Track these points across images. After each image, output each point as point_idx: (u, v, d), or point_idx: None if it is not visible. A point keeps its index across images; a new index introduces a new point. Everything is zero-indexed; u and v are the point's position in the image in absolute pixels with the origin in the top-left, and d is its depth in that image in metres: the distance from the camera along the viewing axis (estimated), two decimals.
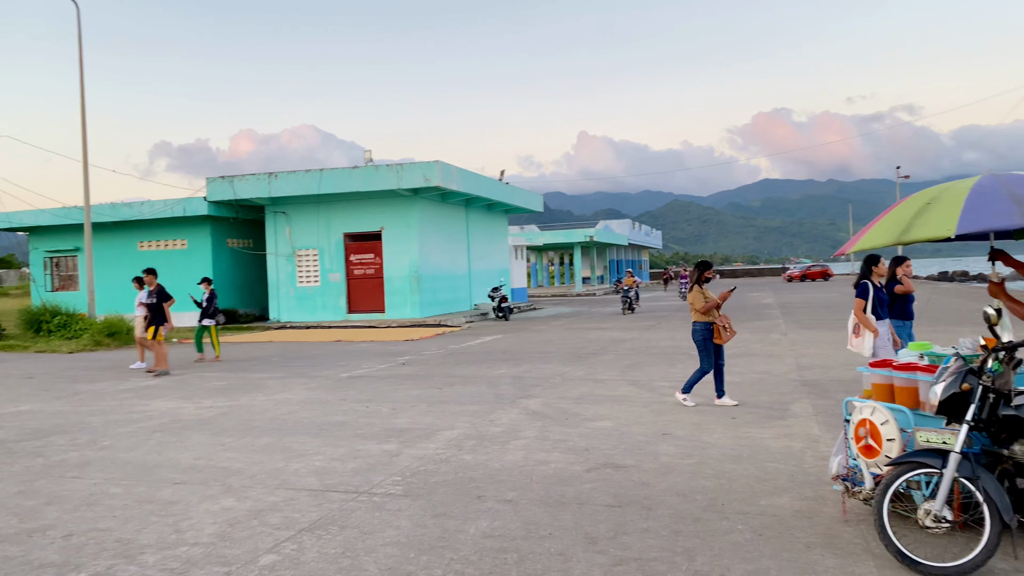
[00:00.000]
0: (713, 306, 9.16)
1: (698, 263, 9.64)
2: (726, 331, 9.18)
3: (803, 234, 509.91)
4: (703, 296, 9.22)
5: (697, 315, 9.27)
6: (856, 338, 8.02)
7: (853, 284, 8.16)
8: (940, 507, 4.18)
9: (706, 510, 5.39)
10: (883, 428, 4.77)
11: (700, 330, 9.25)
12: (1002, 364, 4.27)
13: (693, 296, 9.29)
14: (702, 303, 9.17)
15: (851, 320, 8.16)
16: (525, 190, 34.98)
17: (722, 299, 9.15)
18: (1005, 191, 4.52)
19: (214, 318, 16.62)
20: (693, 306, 9.30)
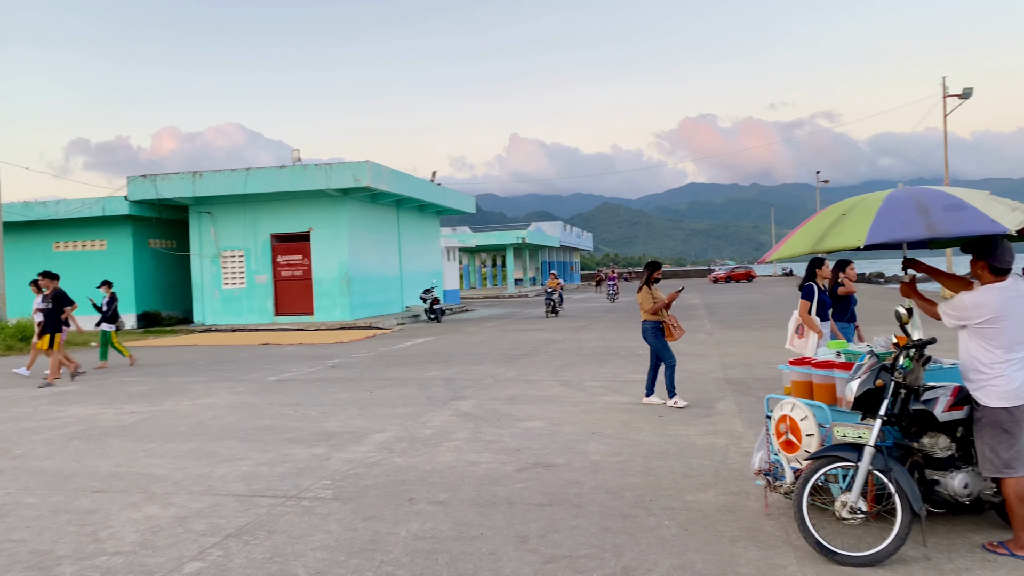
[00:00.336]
0: (662, 306, 9.27)
1: (648, 264, 9.72)
2: (676, 329, 9.34)
3: (728, 237, 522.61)
4: (652, 296, 9.32)
5: (646, 314, 9.37)
6: (799, 338, 8.10)
7: (798, 286, 8.35)
8: (855, 499, 4.36)
9: (634, 507, 5.49)
10: (802, 424, 4.94)
11: (650, 329, 9.36)
12: (912, 361, 4.47)
13: (642, 296, 9.38)
14: (651, 303, 9.28)
15: (793, 320, 8.22)
16: (457, 191, 34.95)
17: (670, 299, 9.26)
18: (914, 203, 4.75)
19: (114, 323, 15.92)
20: (642, 306, 9.38)
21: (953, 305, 4.57)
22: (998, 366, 4.38)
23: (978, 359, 4.46)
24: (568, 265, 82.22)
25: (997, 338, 4.40)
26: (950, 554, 4.41)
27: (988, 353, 4.42)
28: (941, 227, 4.56)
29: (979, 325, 4.45)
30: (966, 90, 30.77)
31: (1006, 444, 4.34)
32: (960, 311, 4.52)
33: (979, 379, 4.46)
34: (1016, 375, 4.36)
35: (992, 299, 4.43)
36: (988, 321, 4.41)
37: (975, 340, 4.49)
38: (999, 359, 4.38)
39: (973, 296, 4.51)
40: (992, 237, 4.59)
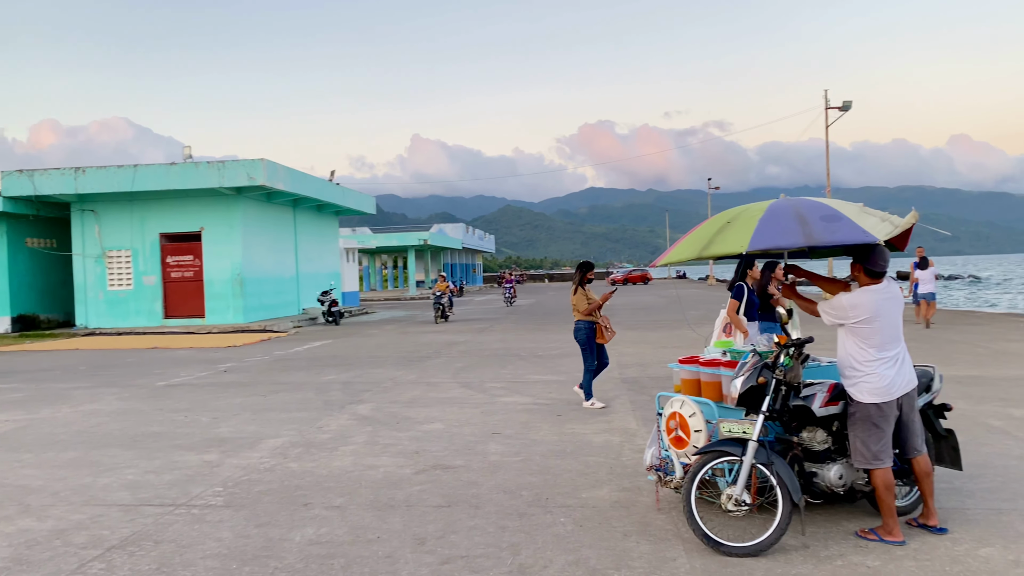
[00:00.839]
0: (596, 307, 9.32)
1: (580, 264, 9.69)
2: (607, 331, 9.42)
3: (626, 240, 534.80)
4: (586, 297, 9.36)
5: (580, 315, 9.40)
6: (726, 337, 8.18)
7: (728, 286, 8.55)
8: (740, 492, 4.56)
9: (531, 505, 5.56)
10: (691, 420, 5.13)
11: (583, 329, 9.39)
12: (792, 359, 4.71)
13: (577, 297, 9.41)
14: (585, 304, 9.32)
15: (720, 319, 8.32)
16: (357, 192, 34.47)
17: (604, 300, 9.36)
18: (793, 213, 5.01)
19: None
20: (576, 307, 9.41)
21: (832, 305, 4.83)
22: (871, 364, 4.65)
23: (853, 357, 4.73)
24: (471, 267, 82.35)
25: (871, 337, 4.67)
26: (826, 542, 4.67)
27: (862, 351, 4.69)
28: (818, 236, 4.84)
29: (855, 325, 4.72)
30: (846, 103, 32.53)
31: (875, 437, 4.62)
32: (838, 311, 4.79)
33: (853, 376, 4.73)
34: (886, 373, 4.64)
35: (867, 300, 4.71)
36: (863, 321, 4.68)
37: (851, 339, 4.76)
38: (872, 357, 4.66)
39: (850, 297, 4.79)
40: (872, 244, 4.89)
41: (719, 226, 5.35)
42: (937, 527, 4.78)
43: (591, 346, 9.43)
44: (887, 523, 4.66)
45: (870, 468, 4.64)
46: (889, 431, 4.66)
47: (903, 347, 4.75)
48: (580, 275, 9.56)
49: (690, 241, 5.46)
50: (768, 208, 5.22)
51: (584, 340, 9.39)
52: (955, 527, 4.84)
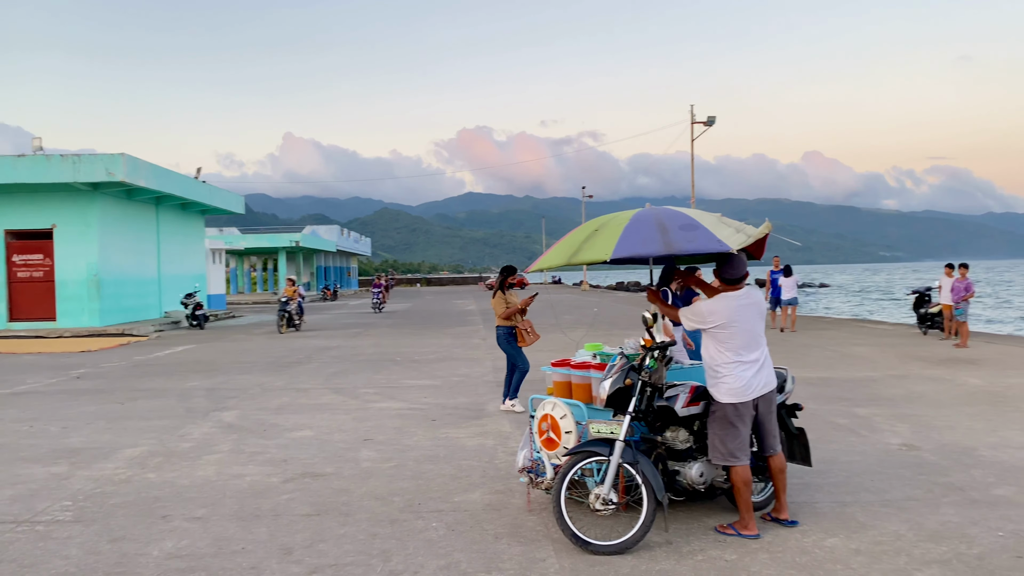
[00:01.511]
0: (515, 311, 9.16)
1: (503, 268, 9.44)
2: (529, 334, 9.24)
3: (504, 245, 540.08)
4: (505, 301, 9.18)
5: (500, 320, 9.22)
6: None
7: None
8: (607, 491, 4.68)
9: (403, 511, 5.51)
10: (562, 422, 5.22)
11: (503, 335, 9.23)
12: (657, 361, 4.89)
13: (496, 302, 9.22)
14: (504, 308, 9.15)
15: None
16: (225, 190, 33.18)
17: (524, 304, 9.20)
18: (655, 222, 5.20)
19: None
20: (496, 311, 9.24)
21: (692, 310, 5.04)
22: (729, 366, 4.87)
23: (714, 359, 4.94)
24: (345, 270, 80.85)
25: (729, 341, 4.89)
26: (688, 537, 4.86)
27: (721, 354, 4.91)
28: (676, 245, 5.04)
29: (713, 329, 4.93)
30: (710, 118, 34.11)
31: (731, 436, 4.85)
32: (697, 316, 5.00)
33: (714, 376, 4.94)
34: (744, 375, 4.87)
35: (723, 307, 4.92)
36: (720, 326, 4.90)
37: (712, 342, 4.97)
38: (730, 360, 4.87)
39: (709, 303, 5.01)
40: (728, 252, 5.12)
41: (587, 233, 5.49)
42: (788, 520, 5.07)
43: (516, 348, 9.29)
44: (744, 518, 4.89)
45: (726, 465, 4.87)
46: (746, 431, 4.89)
47: (764, 351, 4.98)
48: (502, 279, 9.35)
49: (560, 248, 5.57)
50: (633, 217, 5.40)
51: (506, 346, 9.23)
52: (805, 520, 5.15)
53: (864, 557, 4.47)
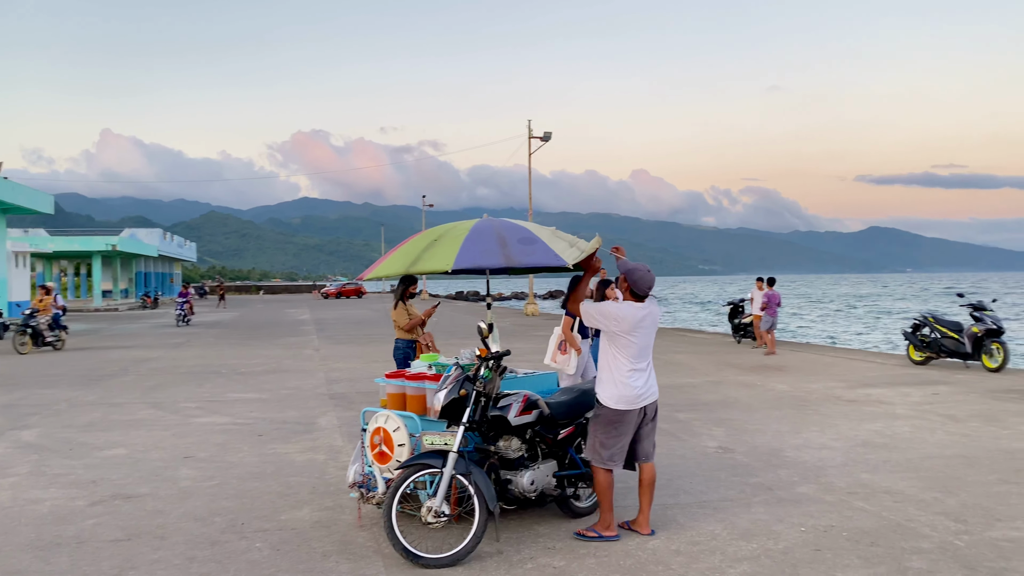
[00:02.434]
0: (417, 323, 8.47)
1: (403, 278, 8.42)
2: (429, 349, 8.42)
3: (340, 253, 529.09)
4: (407, 313, 8.47)
5: (401, 332, 8.49)
6: (562, 355, 7.97)
7: (561, 303, 8.46)
8: (439, 503, 4.64)
9: (224, 532, 5.22)
10: (395, 434, 5.14)
11: (402, 348, 8.47)
12: (491, 371, 4.92)
13: (398, 313, 8.49)
14: (406, 320, 8.42)
15: (555, 336, 8.05)
16: (31, 188, 30.42)
17: (427, 316, 8.55)
18: (495, 235, 5.25)
19: None
20: (397, 323, 8.51)
21: (599, 309, 5.09)
22: (624, 373, 4.96)
23: (611, 365, 5.01)
24: (168, 277, 76.23)
25: (628, 348, 4.97)
26: (519, 546, 4.91)
27: (618, 361, 4.99)
28: (516, 258, 5.12)
29: (615, 335, 5.00)
30: (547, 133, 35.06)
31: (613, 440, 4.97)
32: (601, 317, 5.05)
33: (606, 380, 5.02)
34: (636, 383, 4.97)
35: (631, 314, 5.00)
36: (623, 332, 4.98)
37: (612, 348, 5.04)
38: (627, 367, 4.96)
39: (617, 308, 5.08)
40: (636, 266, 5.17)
41: (427, 243, 5.46)
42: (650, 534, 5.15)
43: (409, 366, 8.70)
44: (605, 519, 5.02)
45: (601, 467, 4.97)
46: (628, 437, 5.01)
47: (651, 361, 5.14)
48: (402, 289, 8.61)
49: (398, 256, 5.51)
50: (472, 228, 5.43)
51: (401, 359, 8.47)
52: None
53: (683, 557, 4.69)
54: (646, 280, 5.08)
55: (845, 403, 10.18)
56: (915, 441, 7.81)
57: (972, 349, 13.50)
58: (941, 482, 6.28)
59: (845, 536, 5.02)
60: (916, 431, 8.31)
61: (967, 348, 13.55)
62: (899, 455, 7.22)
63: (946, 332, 14.00)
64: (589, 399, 5.46)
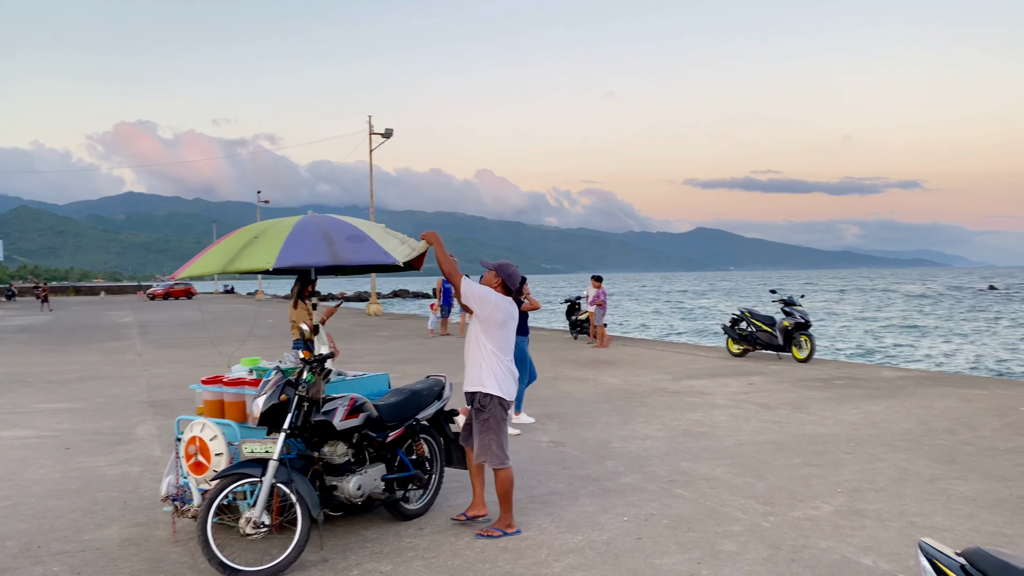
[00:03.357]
0: (320, 322, 8.08)
1: (299, 276, 8.14)
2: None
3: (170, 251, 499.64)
4: (307, 313, 8.10)
5: (299, 333, 8.01)
6: None
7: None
8: (259, 513, 4.42)
9: (17, 557, 4.74)
10: (212, 444, 4.86)
11: (303, 348, 8.01)
12: (315, 375, 4.75)
13: (297, 313, 8.10)
14: (305, 319, 8.04)
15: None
16: None
17: (328, 315, 8.07)
18: (321, 232, 5.08)
19: None
20: (296, 324, 8.09)
21: (482, 294, 5.03)
22: (505, 364, 5.04)
23: (493, 357, 5.02)
24: None
25: (499, 340, 5.03)
26: (345, 553, 4.77)
27: (496, 354, 5.03)
28: (344, 256, 4.97)
29: (484, 320, 5.00)
30: (388, 130, 34.64)
31: (504, 435, 5.04)
32: (481, 300, 5.01)
33: (495, 374, 5.02)
34: (510, 373, 5.07)
35: (507, 307, 5.06)
36: (496, 323, 5.01)
37: (486, 340, 5.04)
38: (504, 358, 5.05)
39: (498, 297, 5.07)
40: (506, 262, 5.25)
41: (246, 240, 5.20)
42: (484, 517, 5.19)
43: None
44: (506, 518, 5.05)
45: (502, 467, 4.99)
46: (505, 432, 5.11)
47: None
48: (300, 287, 8.24)
49: (215, 254, 5.21)
50: (296, 224, 5.23)
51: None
52: (461, 523, 5.32)
53: (511, 554, 4.72)
54: (518, 275, 5.27)
55: (670, 395, 10.69)
56: (731, 429, 8.30)
57: (783, 341, 14.56)
58: (753, 467, 6.69)
59: (665, 523, 5.24)
60: (733, 419, 8.83)
61: (779, 341, 14.60)
62: (717, 443, 7.65)
63: (761, 326, 15.02)
64: (419, 400, 5.42)
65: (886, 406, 9.54)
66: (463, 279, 5.04)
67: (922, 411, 9.14)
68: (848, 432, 8.04)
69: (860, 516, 5.33)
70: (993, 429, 8.05)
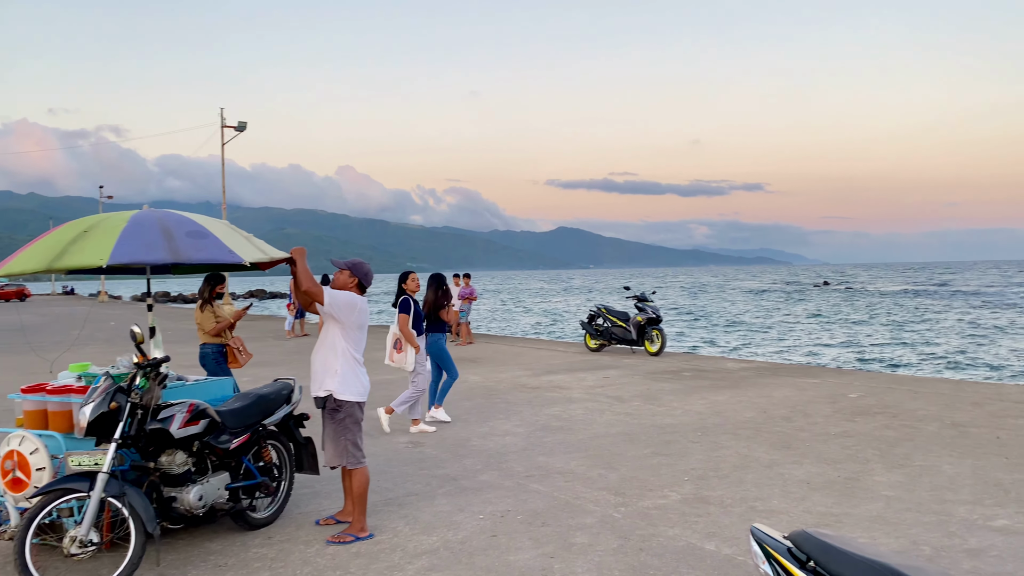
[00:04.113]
0: (226, 326, 7.55)
1: (208, 276, 7.64)
2: (241, 353, 7.66)
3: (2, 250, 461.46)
4: (215, 315, 7.52)
5: (207, 337, 7.54)
6: (398, 353, 7.97)
7: (393, 302, 8.13)
8: (86, 531, 4.09)
9: None
10: (32, 458, 4.47)
11: (211, 354, 7.56)
12: (149, 380, 4.45)
13: (203, 316, 7.52)
14: (213, 323, 7.48)
15: (391, 335, 8.02)
16: None
17: (237, 317, 7.57)
18: (159, 227, 4.76)
19: None
20: (202, 327, 7.54)
21: (347, 299, 4.89)
22: (359, 366, 4.97)
23: (349, 358, 4.92)
24: None
25: (359, 342, 4.96)
26: (185, 567, 4.50)
27: (351, 353, 4.93)
28: (184, 252, 4.67)
29: (348, 325, 4.88)
30: (241, 123, 33.28)
31: (360, 436, 4.97)
32: (348, 306, 4.88)
33: (350, 375, 4.91)
34: (366, 378, 5.03)
35: (364, 308, 4.96)
36: (356, 326, 4.91)
37: (344, 340, 4.91)
38: (359, 360, 4.97)
39: (361, 300, 4.96)
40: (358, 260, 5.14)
41: (75, 234, 4.81)
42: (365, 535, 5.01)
43: (225, 369, 7.65)
44: (360, 521, 4.93)
45: (359, 467, 4.93)
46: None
47: None
48: (208, 289, 7.69)
49: (39, 249, 4.79)
50: (131, 219, 4.88)
51: (213, 367, 7.60)
52: (310, 530, 5.14)
53: (363, 559, 4.60)
54: (372, 273, 5.19)
55: (529, 391, 10.82)
56: (587, 422, 8.49)
57: (637, 336, 15.09)
58: (606, 459, 6.86)
59: (520, 519, 5.27)
60: (588, 413, 9.04)
61: (633, 335, 15.11)
62: (572, 436, 7.79)
63: (616, 321, 15.49)
64: (266, 404, 5.21)
65: (730, 396, 10.04)
66: (324, 290, 4.88)
67: (762, 400, 9.68)
68: (695, 422, 8.40)
69: (705, 503, 5.56)
70: (825, 415, 8.63)
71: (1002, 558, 4.45)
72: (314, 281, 4.85)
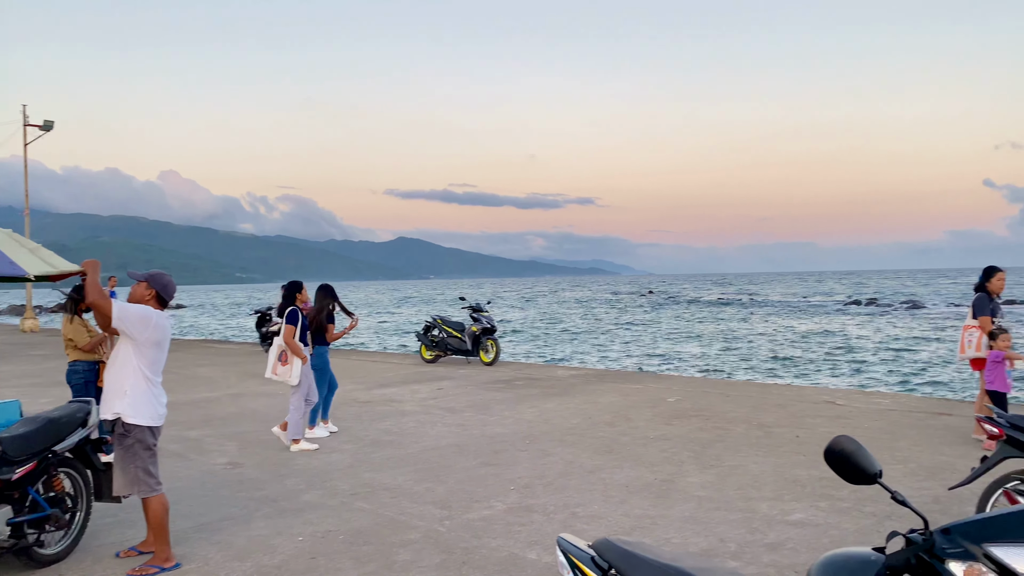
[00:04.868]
0: (99, 342, 6.78)
1: (75, 287, 6.90)
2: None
3: None
4: (86, 329, 6.75)
5: (77, 353, 6.78)
6: (283, 365, 7.61)
7: (277, 312, 7.69)
8: None
9: None
10: None
11: (82, 371, 6.81)
12: None
13: (73, 330, 6.69)
14: (86, 338, 6.74)
15: (276, 347, 7.77)
16: None
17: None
18: None
19: None
20: (73, 342, 6.71)
21: (141, 313, 4.48)
22: (153, 388, 4.55)
23: (141, 378, 4.51)
24: None
25: (157, 361, 4.56)
26: None
27: (144, 373, 4.51)
28: None
29: (144, 343, 4.48)
30: (47, 122, 30.60)
31: (153, 462, 4.56)
32: (142, 321, 4.48)
33: (140, 398, 4.49)
34: (162, 398, 4.63)
35: (166, 325, 4.58)
36: (154, 343, 4.52)
37: (136, 358, 4.49)
38: (154, 380, 4.56)
39: (158, 315, 4.55)
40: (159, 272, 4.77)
41: None
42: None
43: (92, 392, 6.71)
44: (163, 550, 4.57)
45: (153, 495, 4.56)
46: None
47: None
48: (72, 302, 6.84)
49: None
50: None
51: (81, 385, 6.85)
52: (109, 563, 4.74)
53: None
54: (173, 285, 4.84)
55: (360, 405, 10.59)
56: (417, 436, 8.41)
57: (472, 346, 15.17)
58: (434, 472, 6.81)
59: (342, 539, 5.11)
60: (420, 426, 8.96)
61: (468, 346, 15.18)
62: (402, 451, 7.68)
63: (451, 332, 15.50)
64: (57, 429, 4.75)
65: (558, 403, 10.29)
66: (114, 303, 4.47)
67: (588, 406, 9.99)
68: (524, 430, 8.52)
69: (529, 512, 5.63)
70: (646, 420, 9.01)
71: (797, 550, 4.78)
72: (103, 294, 4.46)
